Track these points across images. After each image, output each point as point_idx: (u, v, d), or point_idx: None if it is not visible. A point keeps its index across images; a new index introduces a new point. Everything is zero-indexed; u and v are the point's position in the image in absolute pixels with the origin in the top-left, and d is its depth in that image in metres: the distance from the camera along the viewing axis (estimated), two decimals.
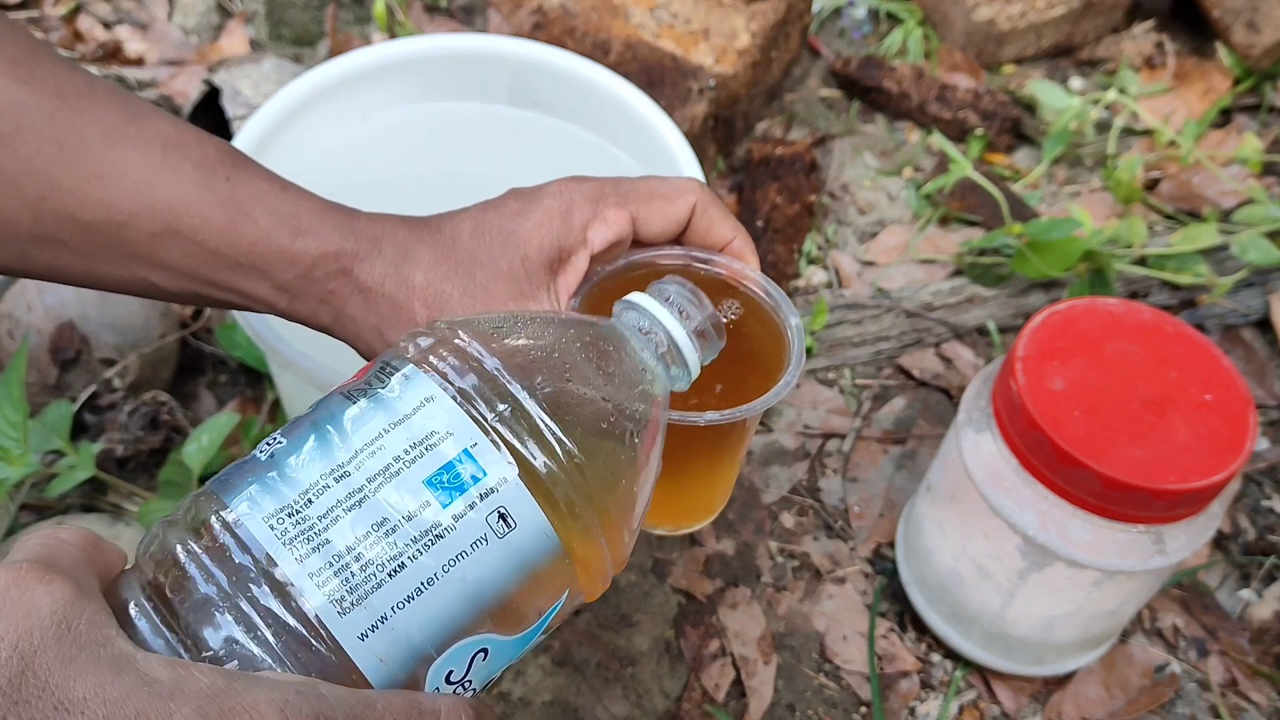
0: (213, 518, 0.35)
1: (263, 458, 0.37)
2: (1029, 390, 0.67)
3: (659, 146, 0.77)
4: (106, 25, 1.22)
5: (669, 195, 0.50)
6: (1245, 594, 0.87)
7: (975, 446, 0.71)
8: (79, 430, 0.88)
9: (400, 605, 0.34)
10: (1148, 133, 1.18)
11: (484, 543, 0.36)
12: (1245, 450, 0.65)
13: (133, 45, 1.19)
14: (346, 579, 0.34)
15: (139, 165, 0.45)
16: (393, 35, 1.20)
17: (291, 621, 0.33)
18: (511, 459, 0.36)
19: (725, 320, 0.51)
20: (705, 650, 0.82)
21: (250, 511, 0.35)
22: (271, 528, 0.35)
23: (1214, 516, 0.69)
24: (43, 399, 0.86)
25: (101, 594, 0.34)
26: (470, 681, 0.37)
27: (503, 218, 0.49)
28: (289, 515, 0.35)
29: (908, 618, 0.84)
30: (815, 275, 1.05)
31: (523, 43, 0.81)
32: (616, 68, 1.03)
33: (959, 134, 1.16)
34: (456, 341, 0.39)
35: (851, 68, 1.20)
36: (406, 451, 0.36)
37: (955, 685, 0.81)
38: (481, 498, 0.36)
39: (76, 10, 1.23)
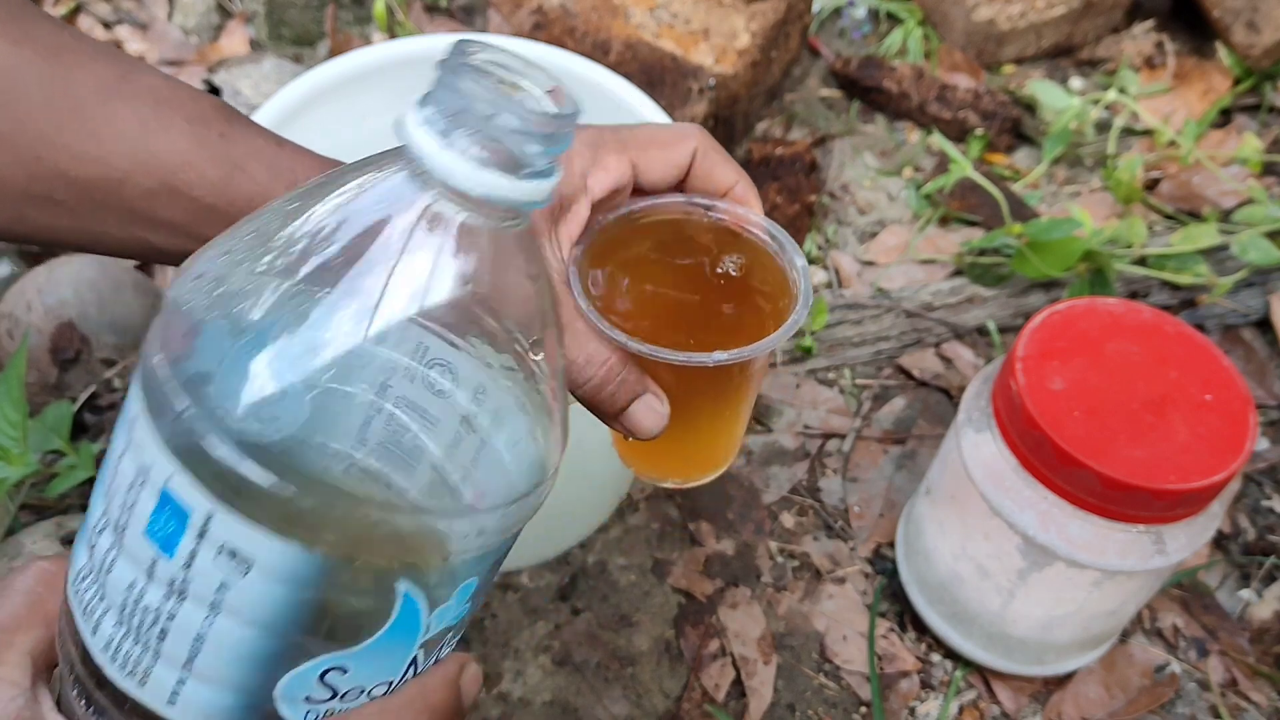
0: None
1: None
2: (1029, 390, 0.67)
3: None
4: (106, 25, 1.22)
5: (669, 141, 0.49)
6: (1245, 594, 0.87)
7: (975, 446, 0.71)
8: (79, 430, 0.88)
9: (187, 664, 0.30)
10: (1148, 133, 1.18)
11: (228, 587, 0.29)
12: (1245, 450, 0.65)
13: (133, 45, 1.19)
14: (129, 648, 0.31)
15: (132, 121, 0.45)
16: (393, 35, 1.20)
17: (105, 699, 0.32)
18: (206, 486, 0.29)
19: (730, 271, 0.49)
20: (705, 650, 0.82)
21: (70, 572, 0.33)
22: (75, 593, 0.32)
23: (1214, 516, 0.69)
24: (43, 399, 0.86)
25: (31, 644, 0.34)
26: (358, 690, 0.32)
27: None
28: (83, 579, 0.32)
29: (908, 618, 0.84)
30: (815, 275, 1.05)
31: (523, 43, 0.81)
32: (616, 68, 1.03)
33: (959, 134, 1.16)
34: (162, 316, 0.31)
35: (851, 68, 1.20)
36: (128, 494, 0.31)
37: (955, 685, 0.81)
38: (199, 539, 0.29)
39: (77, 10, 1.23)
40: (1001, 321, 1.01)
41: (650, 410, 0.47)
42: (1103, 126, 1.19)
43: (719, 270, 0.49)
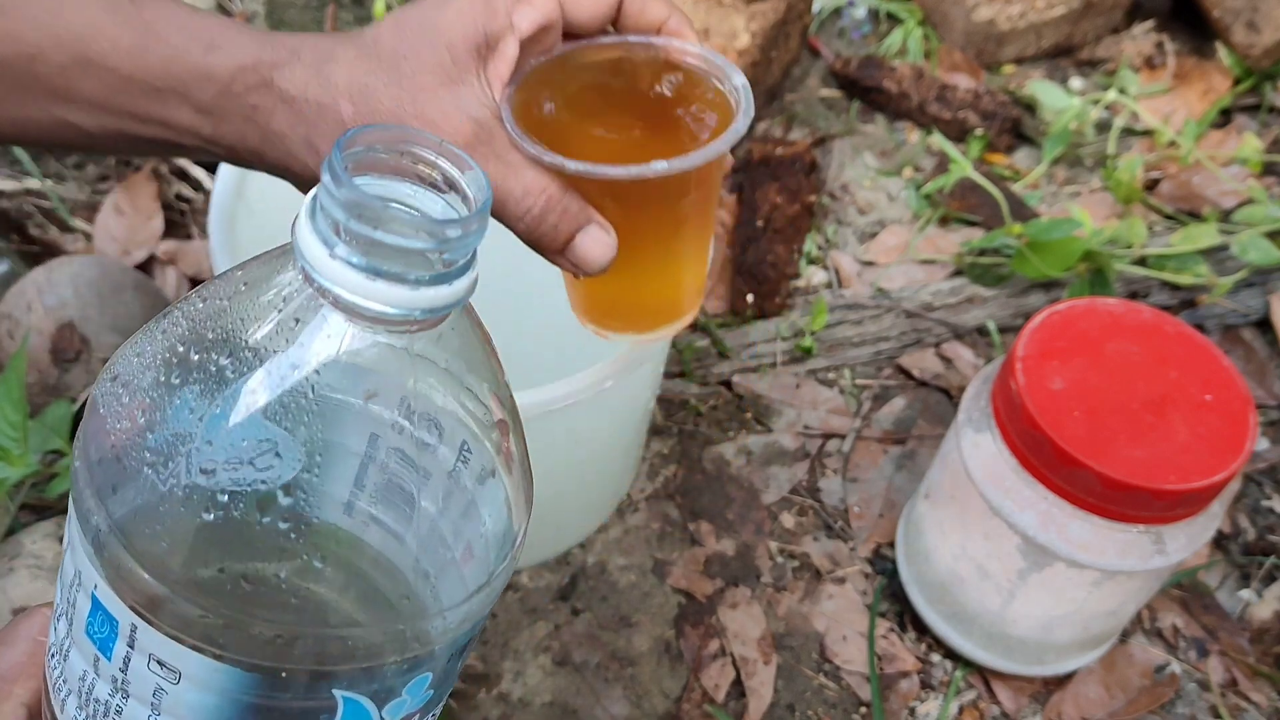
0: None
1: None
2: (1029, 390, 0.67)
3: None
4: None
5: None
6: (1245, 594, 0.87)
7: (975, 446, 0.71)
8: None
9: None
10: (1148, 133, 1.18)
11: (164, 692, 0.29)
12: (1245, 450, 0.65)
13: None
14: None
15: None
16: None
17: None
18: (124, 599, 0.28)
19: (667, 96, 0.48)
20: (705, 650, 0.82)
21: (49, 640, 0.33)
22: (48, 667, 0.33)
23: (1214, 516, 0.69)
24: (43, 399, 0.86)
25: (28, 695, 0.34)
26: None
27: (422, 12, 0.47)
28: (52, 656, 0.32)
29: (908, 618, 0.84)
30: (815, 275, 1.05)
31: None
32: None
33: (959, 134, 1.16)
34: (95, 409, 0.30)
35: (851, 68, 1.20)
36: (71, 591, 0.30)
37: (955, 685, 0.81)
38: (130, 646, 0.29)
39: None
40: (1001, 322, 1.02)
41: (596, 241, 0.47)
42: (1103, 127, 1.19)
43: (656, 95, 0.48)
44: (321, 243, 0.27)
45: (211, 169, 0.98)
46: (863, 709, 0.80)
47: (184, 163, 0.99)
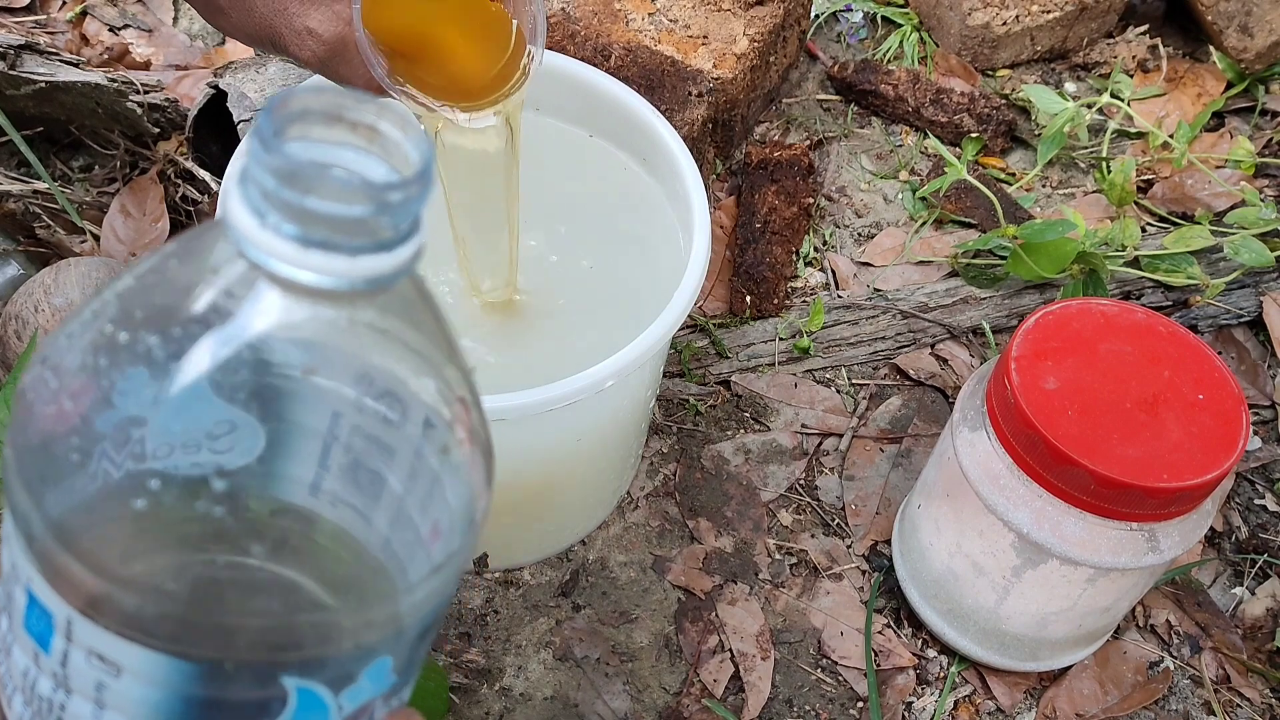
0: None
1: None
2: (1023, 389, 0.68)
3: (658, 148, 0.78)
4: (113, 29, 1.23)
5: None
6: (1238, 591, 0.88)
7: (970, 445, 0.72)
8: None
9: None
10: (1141, 136, 1.19)
11: (105, 687, 0.28)
12: (1238, 449, 0.66)
13: (140, 49, 1.20)
14: None
15: None
16: None
17: None
18: (59, 592, 0.27)
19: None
20: (704, 646, 0.83)
21: None
22: None
23: (1207, 514, 0.70)
24: None
25: None
26: None
27: None
28: None
29: (904, 614, 0.85)
30: (813, 276, 1.06)
31: None
32: (617, 72, 1.04)
33: (954, 137, 1.17)
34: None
35: (848, 72, 1.21)
36: (8, 585, 0.29)
37: (951, 680, 0.82)
38: (67, 641, 0.28)
39: (83, 14, 1.24)
40: (996, 322, 1.03)
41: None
42: (1096, 130, 1.20)
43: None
44: (251, 212, 0.25)
45: (217, 173, 0.99)
46: (859, 704, 0.81)
47: (190, 166, 0.99)
